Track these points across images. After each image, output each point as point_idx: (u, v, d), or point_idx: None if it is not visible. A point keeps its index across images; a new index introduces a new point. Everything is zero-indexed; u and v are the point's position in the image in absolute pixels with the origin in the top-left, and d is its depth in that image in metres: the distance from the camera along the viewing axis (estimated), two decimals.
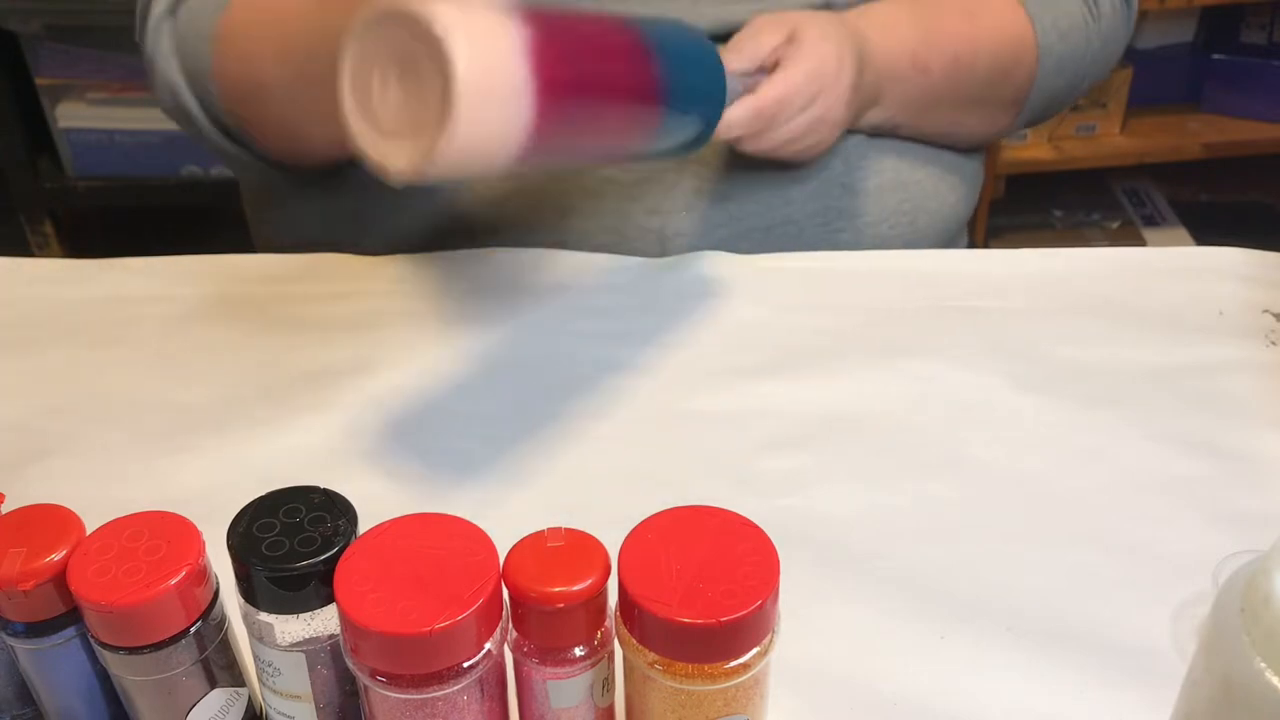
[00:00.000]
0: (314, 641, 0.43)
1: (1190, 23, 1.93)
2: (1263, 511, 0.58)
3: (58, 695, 0.45)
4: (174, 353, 0.71)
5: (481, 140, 0.47)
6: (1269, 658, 0.33)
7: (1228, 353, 0.68)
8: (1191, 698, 0.38)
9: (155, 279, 0.77)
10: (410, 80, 0.47)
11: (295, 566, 0.40)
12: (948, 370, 0.67)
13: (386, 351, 0.70)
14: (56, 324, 0.73)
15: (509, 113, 0.48)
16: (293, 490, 0.43)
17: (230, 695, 0.45)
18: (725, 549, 0.41)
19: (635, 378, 0.68)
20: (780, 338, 0.70)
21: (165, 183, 1.80)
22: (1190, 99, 1.96)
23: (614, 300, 0.73)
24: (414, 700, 0.40)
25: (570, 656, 0.41)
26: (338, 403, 0.66)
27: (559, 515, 0.44)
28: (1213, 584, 0.53)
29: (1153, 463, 0.61)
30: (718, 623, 0.38)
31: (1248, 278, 0.74)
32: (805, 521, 0.58)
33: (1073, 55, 0.81)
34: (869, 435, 0.63)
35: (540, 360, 0.69)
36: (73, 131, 1.77)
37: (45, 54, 1.72)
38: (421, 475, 0.61)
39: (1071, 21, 0.81)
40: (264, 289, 0.75)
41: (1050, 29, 0.80)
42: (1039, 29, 0.79)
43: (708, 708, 0.41)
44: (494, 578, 0.39)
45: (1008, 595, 0.54)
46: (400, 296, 0.74)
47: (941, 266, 0.77)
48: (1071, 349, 0.69)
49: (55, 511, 0.43)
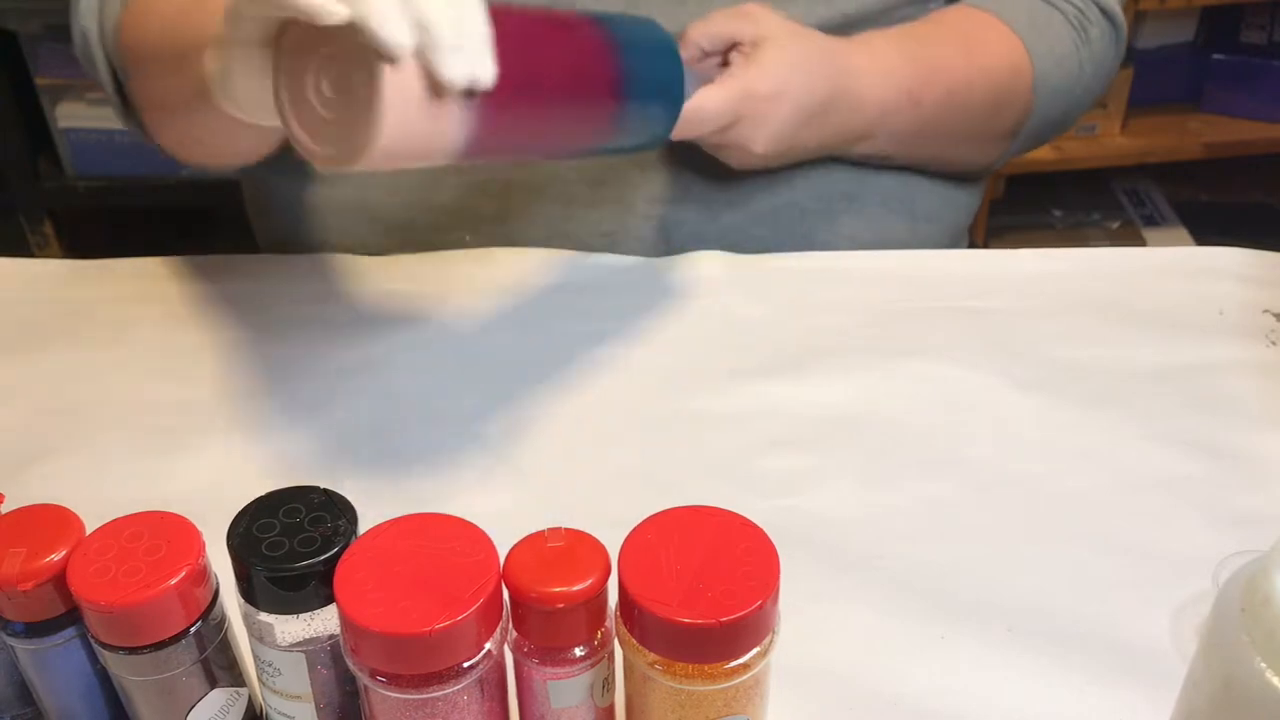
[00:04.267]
0: (314, 641, 0.42)
1: (1190, 23, 1.92)
2: (1263, 511, 0.58)
3: (58, 695, 0.45)
4: (174, 353, 0.71)
5: (412, 141, 0.48)
6: (1269, 658, 0.33)
7: (1228, 353, 0.68)
8: (1191, 698, 0.38)
9: (155, 279, 0.77)
10: (341, 79, 0.47)
11: (295, 566, 0.40)
12: (948, 370, 0.67)
13: (386, 351, 0.70)
14: (56, 324, 0.73)
15: (441, 114, 0.48)
16: (293, 490, 0.43)
17: (230, 695, 0.45)
18: (725, 549, 0.41)
19: (635, 378, 0.68)
20: (780, 338, 0.70)
21: (165, 183, 1.80)
22: (1190, 99, 1.96)
23: (614, 300, 0.73)
24: (414, 700, 0.40)
25: (570, 656, 0.41)
26: (338, 403, 0.66)
27: (559, 515, 0.44)
28: (1213, 584, 0.53)
29: (1153, 463, 0.61)
30: (718, 623, 0.38)
31: (1248, 278, 0.74)
32: (805, 521, 0.58)
33: (1066, 83, 0.80)
34: (869, 435, 0.63)
35: (540, 360, 0.69)
36: (73, 131, 1.77)
37: (45, 54, 1.72)
38: (421, 475, 0.61)
39: (1064, 50, 0.79)
40: (264, 289, 0.75)
41: (1046, 57, 0.78)
42: (1035, 57, 0.78)
43: (708, 708, 0.41)
44: (494, 578, 0.39)
45: (1008, 595, 0.54)
46: (400, 296, 0.74)
47: (941, 266, 0.77)
48: (1071, 349, 0.69)
49: (55, 511, 0.43)
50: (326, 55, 0.47)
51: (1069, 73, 0.80)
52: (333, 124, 0.48)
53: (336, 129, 0.48)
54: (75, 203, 1.84)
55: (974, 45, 0.77)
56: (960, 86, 0.76)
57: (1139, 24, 1.86)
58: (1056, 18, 0.79)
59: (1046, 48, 0.78)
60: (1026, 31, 0.78)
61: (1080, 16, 0.80)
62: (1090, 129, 1.90)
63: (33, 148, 1.79)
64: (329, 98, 0.48)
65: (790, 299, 0.74)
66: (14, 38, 1.70)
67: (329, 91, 0.48)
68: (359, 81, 0.46)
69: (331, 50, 0.47)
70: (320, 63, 0.48)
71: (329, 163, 0.49)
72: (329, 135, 0.48)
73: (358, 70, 0.46)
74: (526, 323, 0.72)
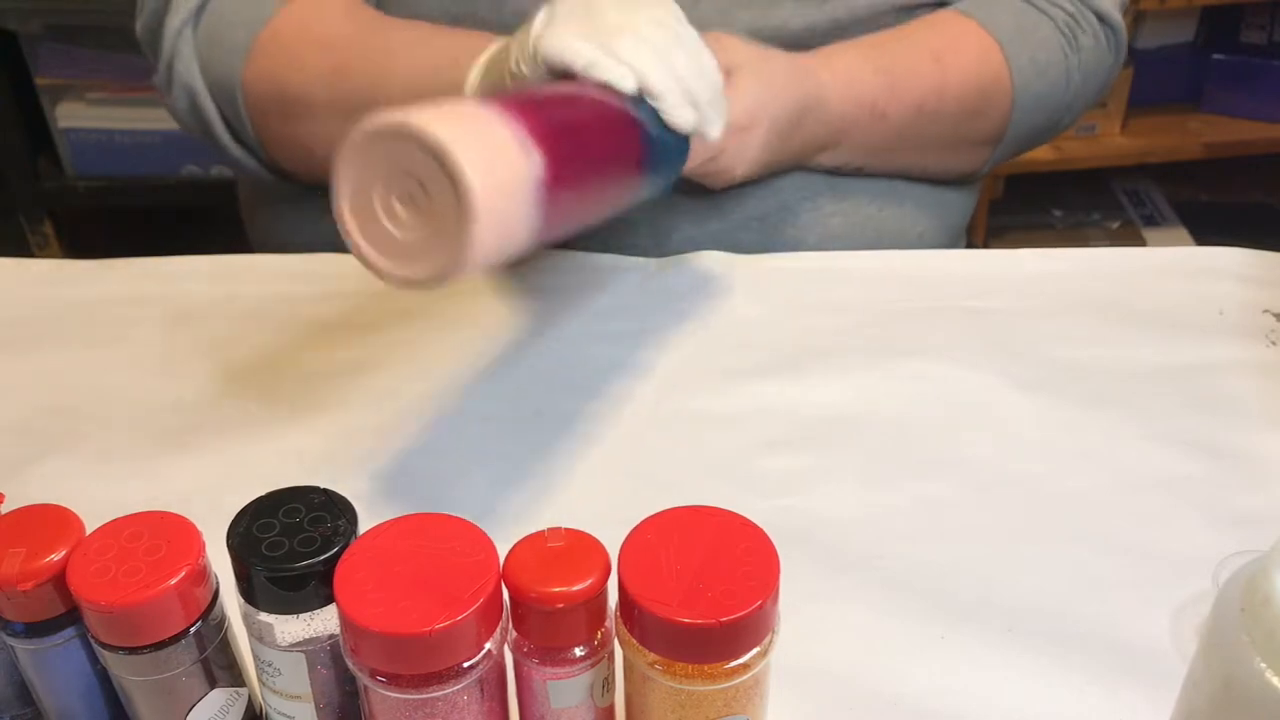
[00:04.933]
0: (314, 641, 0.43)
1: (1190, 23, 1.92)
2: (1263, 511, 0.58)
3: (58, 695, 0.45)
4: (174, 353, 0.71)
5: (498, 242, 0.46)
6: (1269, 658, 0.33)
7: (1228, 353, 0.68)
8: (1191, 698, 0.38)
9: (155, 279, 0.77)
10: (415, 196, 0.45)
11: (295, 566, 0.40)
12: (948, 370, 0.67)
13: (386, 351, 0.70)
14: (56, 324, 0.73)
15: (521, 211, 0.46)
16: (293, 490, 0.43)
17: (230, 695, 0.45)
18: (725, 549, 0.41)
19: (635, 378, 0.68)
20: (780, 338, 0.70)
21: (165, 183, 1.80)
22: (1190, 99, 1.96)
23: (614, 300, 0.73)
24: (414, 700, 0.40)
25: (570, 656, 0.41)
26: (338, 403, 0.66)
27: (559, 515, 0.44)
28: (1213, 584, 0.53)
29: (1153, 463, 0.61)
30: (718, 623, 0.38)
31: (1248, 278, 0.74)
32: (805, 521, 0.58)
33: (1051, 92, 0.80)
34: (869, 435, 0.63)
35: (540, 360, 0.69)
36: (73, 131, 1.77)
37: (45, 54, 1.72)
38: (421, 475, 0.61)
39: (1050, 57, 0.79)
40: (264, 289, 0.75)
41: (1027, 66, 0.78)
42: (1014, 67, 0.78)
43: (708, 708, 0.41)
44: (494, 578, 0.39)
45: (1008, 595, 0.54)
46: (400, 296, 0.74)
47: (941, 266, 0.77)
48: (1071, 349, 0.69)
49: (55, 511, 0.43)
50: (400, 169, 0.45)
51: (1054, 81, 0.79)
52: (415, 244, 0.45)
53: (422, 248, 0.45)
54: (75, 203, 1.84)
55: (946, 54, 0.77)
56: (930, 96, 0.77)
57: (1139, 24, 1.86)
58: (1045, 25, 0.79)
59: (1029, 56, 0.78)
60: (1009, 39, 0.78)
61: (1071, 23, 0.79)
62: (1090, 129, 1.90)
63: (33, 148, 1.79)
64: (402, 217, 0.45)
65: (790, 299, 0.74)
66: (14, 38, 1.70)
67: (402, 210, 0.45)
68: (438, 194, 0.44)
69: (407, 165, 0.44)
70: (390, 177, 0.45)
71: (420, 283, 0.46)
72: (403, 253, 0.46)
73: (434, 183, 0.44)
74: (525, 323, 0.72)
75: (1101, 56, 0.82)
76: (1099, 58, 0.81)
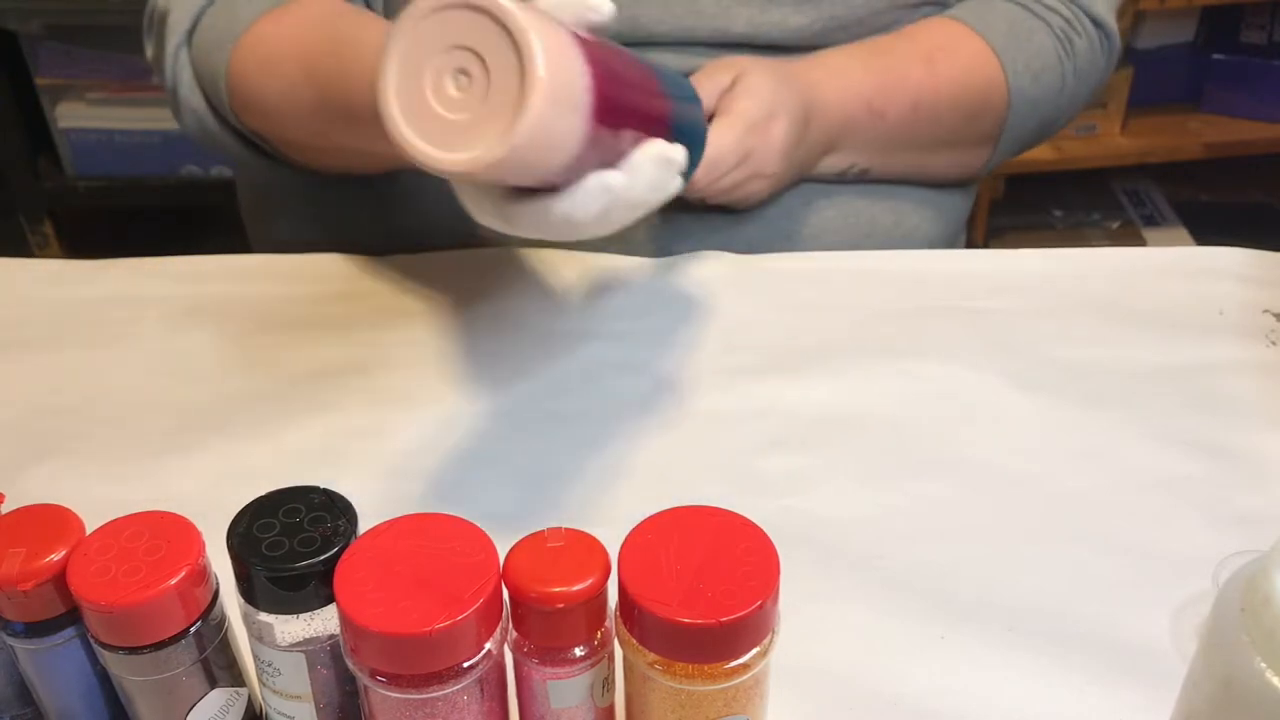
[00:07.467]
0: (314, 641, 0.43)
1: (1190, 23, 1.92)
2: (1263, 511, 0.58)
3: (58, 695, 0.45)
4: (174, 353, 0.71)
5: (545, 138, 0.45)
6: (1269, 658, 0.33)
7: (1228, 353, 0.68)
8: (1191, 698, 0.38)
9: (155, 279, 0.77)
10: (472, 73, 0.44)
11: (295, 566, 0.41)
12: (948, 370, 0.67)
13: (386, 351, 0.70)
14: (56, 324, 0.73)
15: (570, 119, 0.45)
16: (293, 490, 0.43)
17: (230, 695, 0.45)
18: (725, 549, 0.41)
19: (635, 378, 0.68)
20: (780, 338, 0.70)
21: (165, 183, 1.80)
22: (1190, 99, 1.96)
23: (614, 300, 0.73)
24: (414, 700, 0.40)
25: (570, 656, 0.41)
26: (337, 403, 0.66)
27: (559, 515, 0.44)
28: (1213, 584, 0.53)
29: (1153, 463, 0.61)
30: (718, 623, 0.38)
31: (1248, 278, 0.74)
32: (805, 521, 0.58)
33: (1046, 96, 0.80)
34: (869, 435, 0.63)
35: (540, 360, 0.69)
36: (73, 131, 1.77)
37: (45, 54, 1.72)
38: (421, 475, 0.61)
39: (1045, 62, 0.79)
40: (264, 289, 0.75)
41: (1023, 72, 0.79)
42: (1010, 73, 0.78)
43: (708, 708, 0.41)
44: (494, 578, 0.40)
45: (1008, 595, 0.54)
46: (400, 296, 0.74)
47: (941, 266, 0.77)
48: (1071, 349, 0.69)
49: (55, 511, 0.43)
50: (460, 44, 0.44)
51: (1048, 84, 0.80)
52: (460, 129, 0.44)
53: (467, 133, 0.44)
54: (75, 203, 1.84)
55: (938, 56, 0.78)
56: (926, 97, 0.77)
57: (1139, 24, 1.86)
58: (1040, 29, 0.80)
59: (1024, 61, 0.79)
60: (1003, 43, 0.78)
61: (1066, 28, 0.80)
62: (1090, 129, 1.90)
63: (33, 148, 1.79)
64: (453, 96, 0.44)
65: (790, 299, 0.74)
66: (14, 38, 1.70)
67: (454, 88, 0.44)
68: (499, 76, 0.43)
69: (469, 38, 0.44)
70: (448, 52, 0.44)
71: (461, 169, 0.45)
72: (446, 137, 0.45)
73: (501, 61, 0.43)
74: (526, 323, 0.72)
75: (1095, 60, 0.82)
76: (1093, 61, 0.82)
